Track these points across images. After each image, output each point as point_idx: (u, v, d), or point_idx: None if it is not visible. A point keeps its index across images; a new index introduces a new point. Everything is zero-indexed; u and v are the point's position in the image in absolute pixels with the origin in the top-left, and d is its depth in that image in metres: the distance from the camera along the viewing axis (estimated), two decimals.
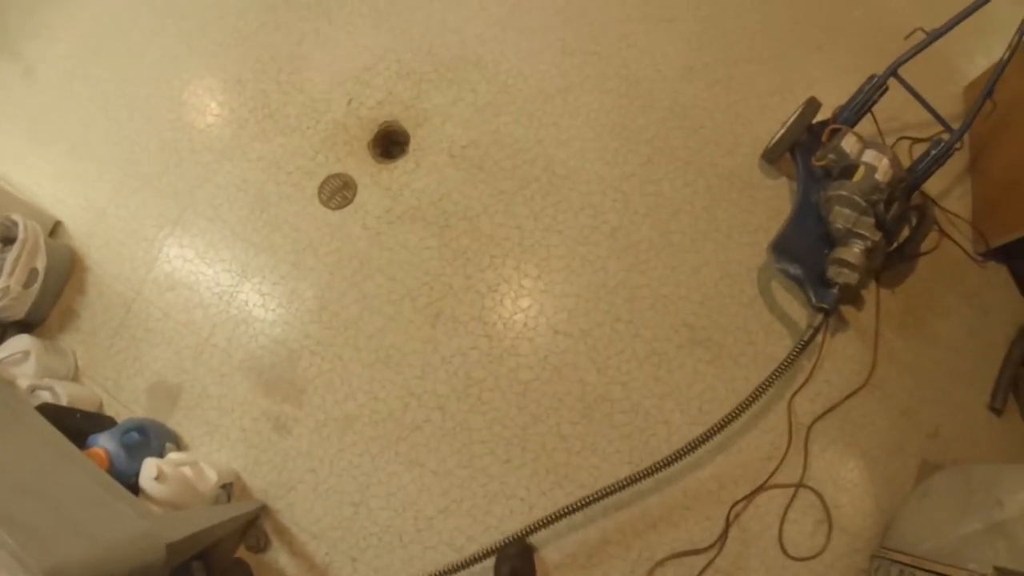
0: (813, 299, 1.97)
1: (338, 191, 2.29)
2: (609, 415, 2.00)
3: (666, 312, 2.09)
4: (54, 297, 2.40)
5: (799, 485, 1.91)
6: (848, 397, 2.00)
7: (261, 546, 2.01)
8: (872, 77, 2.06)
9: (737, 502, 1.89)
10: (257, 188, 2.36)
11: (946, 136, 1.98)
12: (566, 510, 1.76)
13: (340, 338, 2.13)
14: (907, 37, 2.06)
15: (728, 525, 1.88)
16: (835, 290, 1.93)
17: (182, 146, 2.50)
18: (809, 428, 1.96)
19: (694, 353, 2.05)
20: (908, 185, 2.03)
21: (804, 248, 2.05)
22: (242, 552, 2.04)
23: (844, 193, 1.97)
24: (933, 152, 1.99)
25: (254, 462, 2.06)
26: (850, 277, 1.92)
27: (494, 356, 2.07)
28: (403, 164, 2.32)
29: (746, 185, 2.25)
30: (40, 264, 2.28)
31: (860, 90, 2.09)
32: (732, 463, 1.94)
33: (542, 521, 1.77)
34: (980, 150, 2.34)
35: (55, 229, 2.52)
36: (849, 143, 2.07)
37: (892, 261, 2.08)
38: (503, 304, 2.12)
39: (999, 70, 1.91)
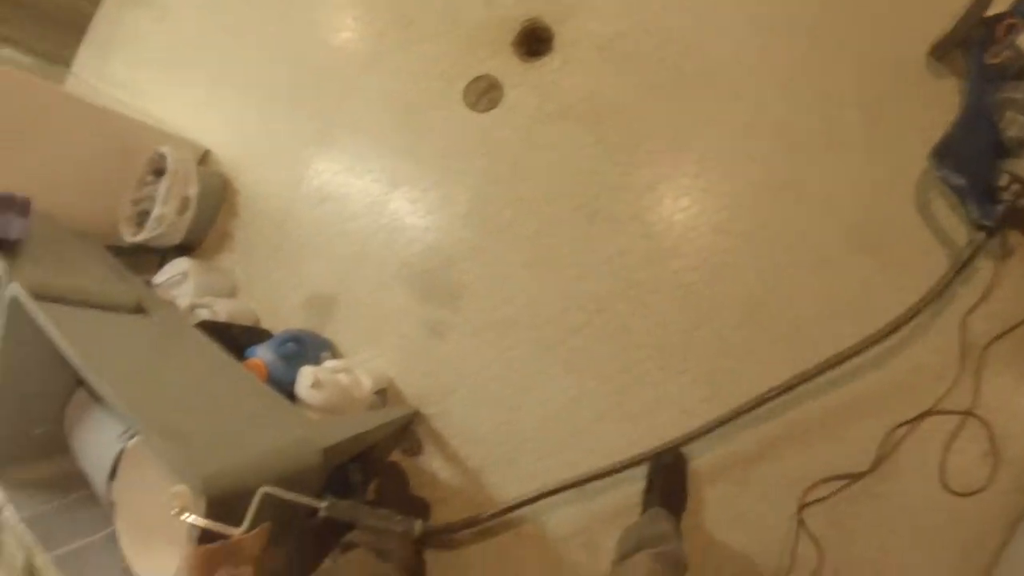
0: (975, 214, 1.73)
1: (484, 93, 2.23)
2: (772, 320, 1.85)
3: (830, 214, 1.90)
4: (209, 221, 2.48)
5: (968, 413, 1.70)
6: None
7: (416, 450, 2.04)
8: None
9: (899, 425, 1.71)
10: (401, 98, 2.33)
11: None
12: (722, 419, 1.70)
13: (495, 241, 2.08)
14: None
15: (887, 449, 1.71)
16: (1000, 207, 1.68)
17: (321, 64, 2.49)
18: (984, 349, 1.72)
19: (860, 261, 1.85)
20: None
21: (971, 156, 1.79)
22: (397, 456, 2.06)
23: (1018, 96, 1.71)
24: None
25: (410, 369, 2.07)
26: (1018, 191, 1.67)
27: (654, 257, 1.96)
28: (549, 62, 2.22)
29: (917, 81, 2.01)
30: (192, 191, 2.34)
31: None
32: (897, 382, 1.75)
33: (698, 430, 1.72)
34: None
35: (204, 157, 2.59)
36: None
37: None
38: (661, 203, 2.00)
39: None
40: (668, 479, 1.77)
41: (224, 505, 1.05)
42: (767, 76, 2.04)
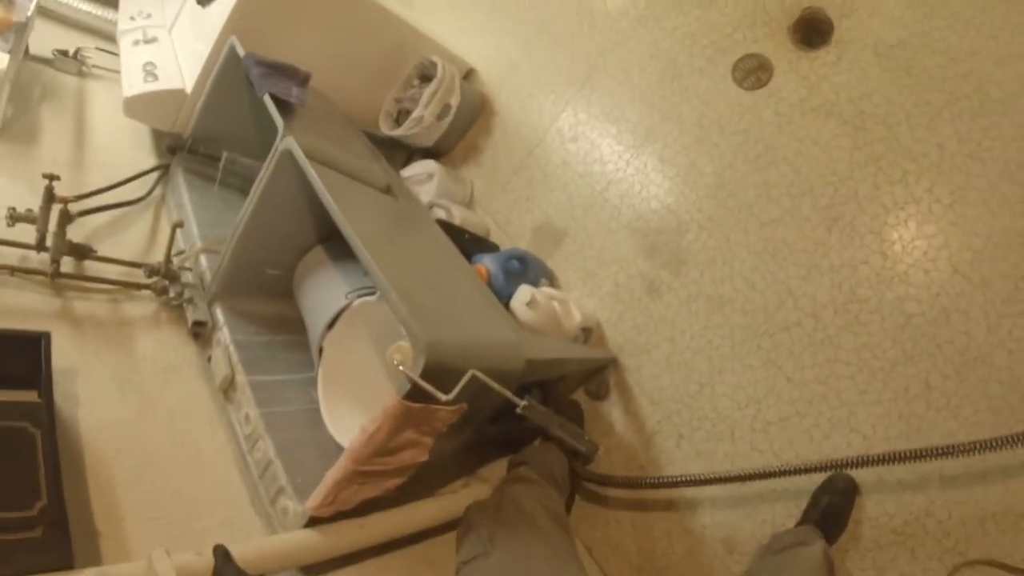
0: None
1: (753, 72, 2.28)
2: (985, 381, 1.78)
3: None
4: (461, 133, 2.69)
5: None
6: None
7: (601, 395, 2.18)
8: None
9: None
10: (669, 58, 2.40)
11: None
12: (906, 454, 1.66)
13: (732, 219, 2.16)
14: None
15: None
16: None
17: (596, 10, 2.59)
18: None
19: None
20: None
21: None
22: (580, 396, 2.22)
23: None
24: None
25: (618, 317, 2.22)
26: None
27: (884, 278, 1.96)
28: (824, 55, 2.22)
29: None
30: (453, 101, 2.54)
31: None
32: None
33: (879, 456, 1.70)
34: None
35: (468, 75, 2.79)
36: None
37: None
38: (906, 225, 1.99)
39: None
40: (834, 503, 1.79)
41: (435, 373, 1.18)
42: None
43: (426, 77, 2.62)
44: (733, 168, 2.21)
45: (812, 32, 2.28)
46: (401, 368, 1.21)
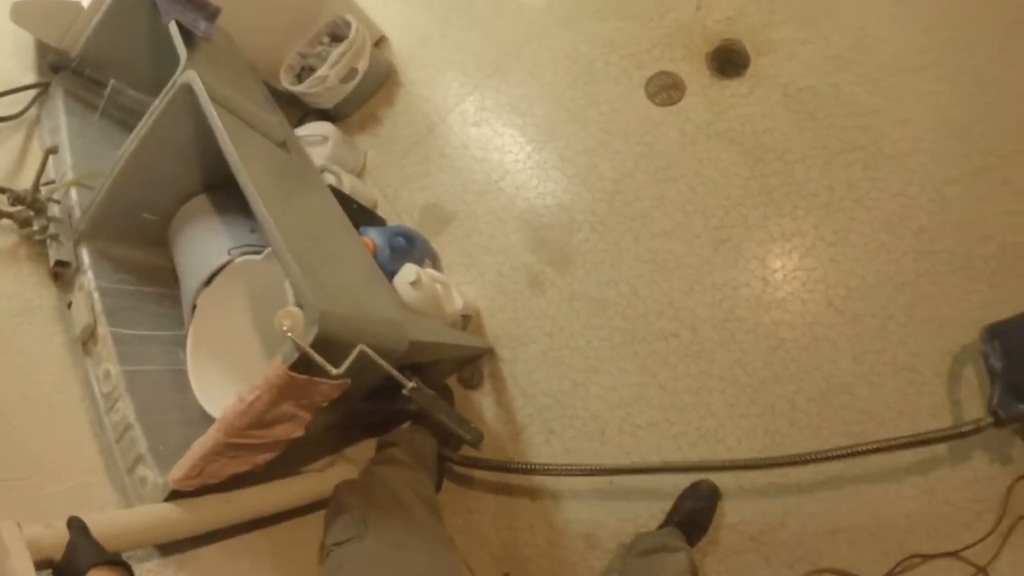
0: (994, 400, 1.73)
1: (665, 89, 2.29)
2: (845, 408, 1.91)
3: (939, 332, 1.95)
4: (362, 100, 2.57)
5: (981, 570, 1.74)
6: None
7: (473, 383, 2.12)
8: None
9: (915, 555, 1.76)
10: (586, 61, 2.39)
11: None
12: (763, 462, 1.74)
13: (624, 226, 2.15)
14: None
15: (894, 570, 1.77)
16: (1021, 407, 1.66)
17: (522, 0, 2.55)
18: (1019, 519, 1.76)
19: (952, 383, 1.90)
20: None
21: (1015, 350, 1.78)
22: (453, 383, 2.14)
23: None
24: None
25: (498, 307, 2.16)
26: None
27: (763, 302, 2.02)
28: (736, 86, 2.27)
29: None
30: (361, 66, 2.42)
31: None
32: (933, 513, 1.80)
33: (740, 462, 1.75)
34: None
35: (380, 41, 2.68)
36: None
37: None
38: (790, 256, 2.06)
39: None
40: (697, 508, 1.83)
41: (325, 345, 1.10)
42: (930, 182, 2.09)
43: (337, 36, 2.49)
44: (632, 177, 2.20)
45: (728, 62, 2.32)
46: (290, 335, 1.10)
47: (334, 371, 1.11)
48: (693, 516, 1.82)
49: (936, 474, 1.81)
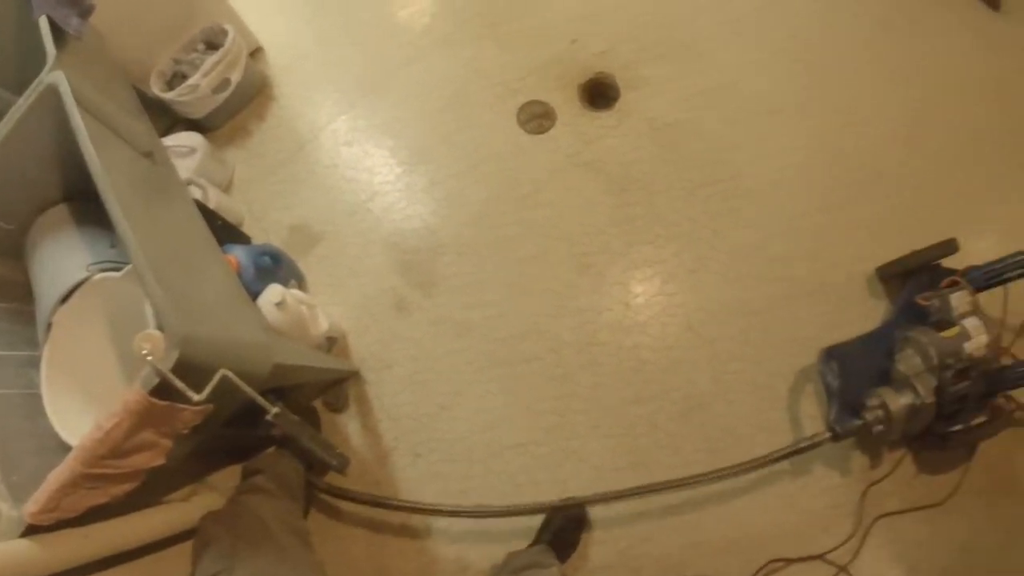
0: (831, 416, 1.86)
1: (536, 117, 2.32)
2: (704, 425, 1.97)
3: (792, 352, 2.05)
4: (233, 111, 2.50)
5: (842, 569, 1.84)
6: (922, 508, 1.91)
7: (338, 406, 2.06)
8: (1020, 253, 1.87)
9: (778, 560, 1.84)
10: (460, 86, 2.40)
11: None
12: (632, 491, 1.77)
13: (489, 250, 2.16)
14: None
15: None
16: (856, 421, 1.79)
17: (401, 22, 2.56)
18: (875, 520, 1.88)
19: (801, 398, 2.01)
20: (992, 377, 1.83)
21: (856, 370, 1.93)
22: (318, 406, 2.08)
23: (923, 340, 1.80)
24: None
25: (364, 329, 2.11)
26: (879, 419, 1.77)
27: (624, 326, 2.06)
28: (605, 117, 2.33)
29: (857, 286, 2.17)
30: (235, 76, 2.36)
31: (1002, 259, 1.90)
32: (793, 521, 1.88)
33: (611, 493, 1.78)
34: None
35: (256, 53, 2.62)
36: (960, 300, 1.89)
37: (937, 441, 1.89)
38: (651, 282, 2.11)
39: None
40: (566, 525, 1.83)
41: (186, 369, 1.06)
42: (784, 215, 2.20)
43: (212, 44, 2.42)
44: (500, 201, 2.21)
45: (599, 95, 2.39)
46: (150, 359, 1.04)
47: (196, 397, 1.06)
48: (562, 533, 1.82)
49: (794, 484, 1.89)
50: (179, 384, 1.04)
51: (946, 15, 2.66)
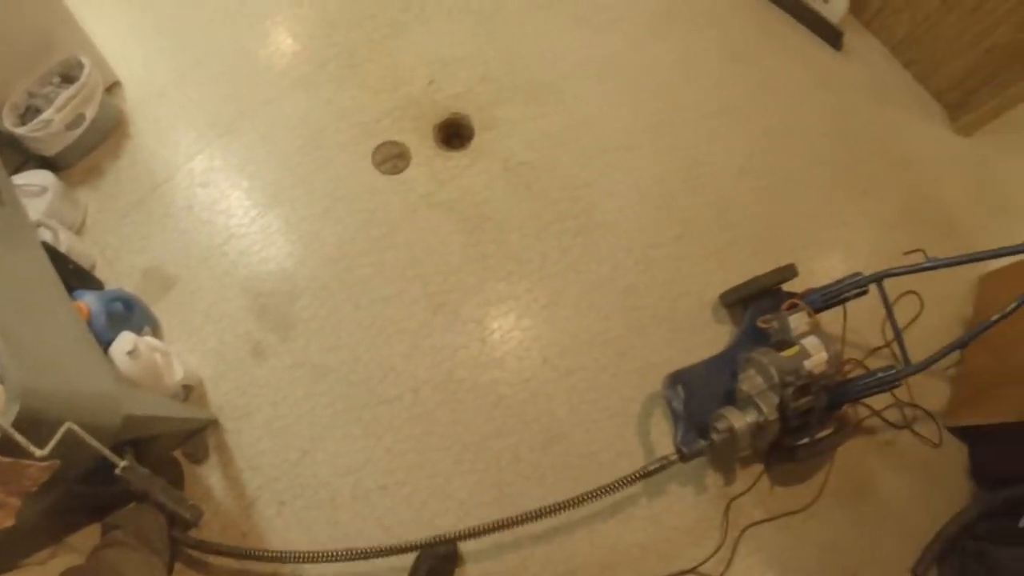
0: (678, 438, 1.96)
1: (391, 158, 2.36)
2: (566, 454, 2.06)
3: (644, 378, 2.17)
4: (87, 149, 2.42)
5: None
6: (786, 515, 2.08)
7: (198, 457, 2.02)
8: (856, 274, 2.03)
9: None
10: (317, 127, 2.42)
11: (899, 366, 1.88)
12: (499, 524, 1.79)
13: (345, 292, 2.18)
14: (907, 253, 2.15)
15: None
16: (701, 442, 1.88)
17: (260, 61, 2.55)
18: (743, 531, 2.03)
19: (659, 422, 2.13)
20: (836, 390, 1.97)
21: (702, 392, 2.04)
22: (178, 457, 2.05)
23: (764, 360, 1.91)
24: (879, 375, 1.91)
25: (220, 376, 2.09)
26: (724, 438, 1.85)
27: (481, 362, 2.13)
28: (459, 158, 2.40)
29: (702, 314, 2.33)
30: (90, 112, 2.29)
31: (840, 281, 2.06)
32: (662, 539, 2.00)
33: (477, 529, 1.80)
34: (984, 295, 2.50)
35: (112, 87, 2.54)
36: (799, 321, 2.04)
37: (787, 454, 2.01)
38: (506, 317, 2.19)
39: (984, 327, 1.73)
40: (435, 567, 1.84)
41: (27, 424, 1.04)
42: (635, 246, 2.34)
43: (68, 77, 2.33)
44: (355, 244, 2.25)
45: (454, 135, 2.46)
46: None
47: (38, 452, 1.04)
48: (434, 573, 1.84)
49: (659, 505, 2.02)
50: (20, 439, 1.02)
51: (791, 54, 2.87)
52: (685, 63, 2.77)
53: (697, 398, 2.03)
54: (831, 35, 3.00)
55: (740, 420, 1.83)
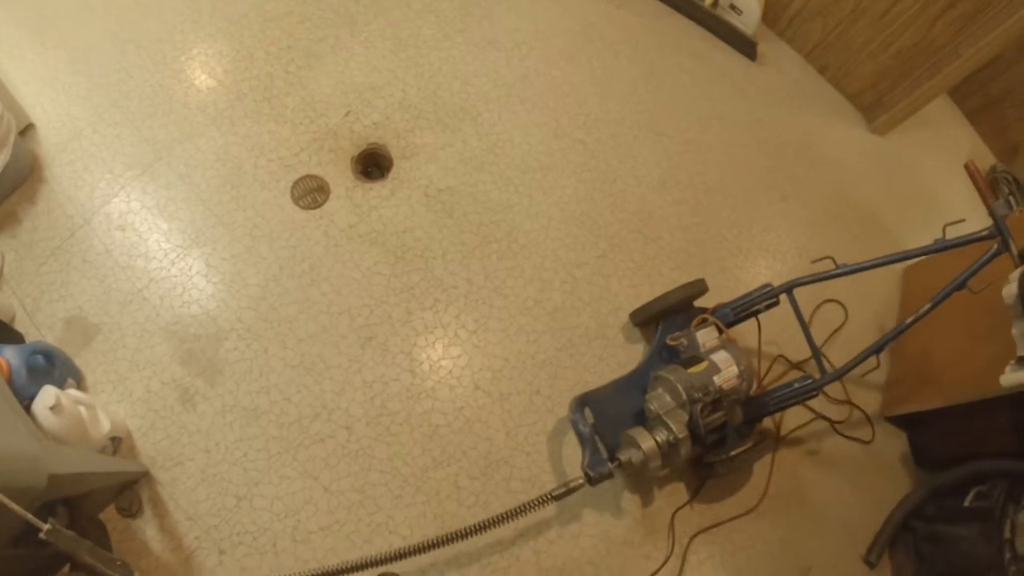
0: (585, 461, 1.91)
1: (310, 192, 2.36)
2: (507, 479, 2.09)
3: (559, 402, 2.22)
4: (2, 196, 2.36)
5: None
6: (734, 519, 2.15)
7: (132, 511, 1.98)
8: (766, 286, 2.06)
9: None
10: (235, 164, 2.40)
11: (817, 376, 1.93)
12: (433, 541, 1.77)
13: (271, 332, 2.17)
14: (815, 262, 2.15)
15: None
16: (610, 464, 1.87)
17: (176, 98, 2.52)
18: (691, 539, 2.09)
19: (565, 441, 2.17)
20: (752, 406, 2.01)
21: (611, 414, 2.05)
22: (111, 513, 2.01)
23: (671, 378, 1.90)
24: (795, 386, 1.96)
25: (150, 425, 2.06)
26: (634, 458, 1.85)
27: (413, 393, 2.15)
28: (379, 188, 2.41)
29: (616, 333, 2.38)
30: (2, 158, 2.23)
31: (750, 294, 2.09)
32: (614, 554, 2.05)
33: (409, 549, 1.77)
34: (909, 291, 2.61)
35: (26, 130, 2.49)
36: (707, 336, 2.06)
37: (706, 470, 2.05)
38: (434, 347, 2.21)
39: (897, 332, 1.84)
40: None
41: None
42: (561, 266, 2.40)
43: None
44: (278, 282, 2.24)
45: (373, 165, 2.47)
46: None
47: None
48: None
49: (604, 522, 2.06)
50: None
51: (707, 67, 2.94)
52: (600, 81, 2.81)
53: (606, 420, 2.04)
54: (745, 46, 3.08)
55: (648, 441, 1.84)
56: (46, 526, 1.24)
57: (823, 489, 2.26)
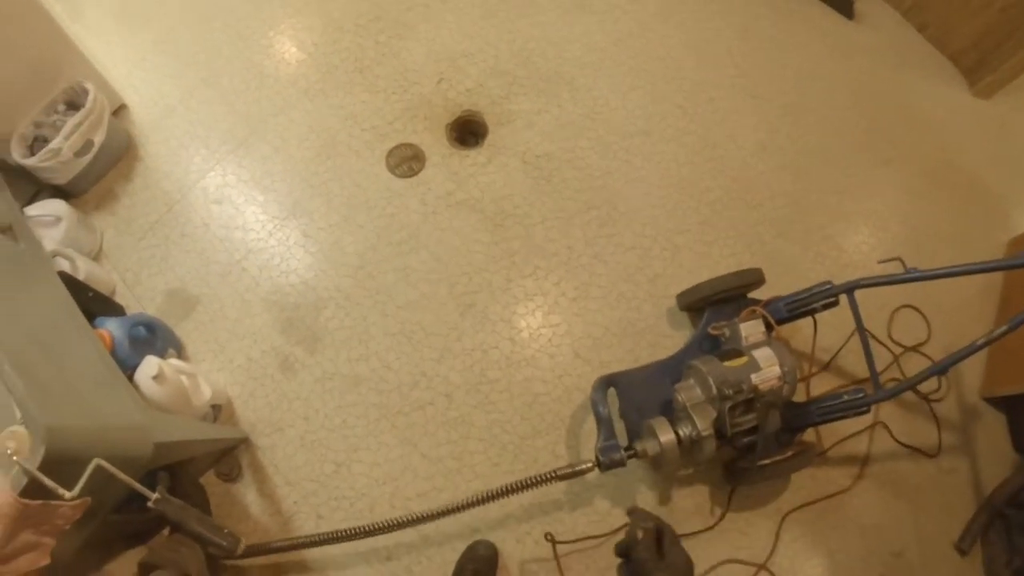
0: (599, 443, 1.75)
1: (406, 160, 2.32)
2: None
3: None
4: (99, 175, 2.40)
5: (761, 566, 1.92)
6: (828, 497, 2.02)
7: (233, 476, 1.99)
8: (825, 283, 1.85)
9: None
10: (329, 134, 2.38)
11: (869, 390, 1.73)
12: (505, 490, 1.70)
13: (370, 300, 2.14)
14: (881, 262, 1.97)
15: None
16: (623, 452, 1.71)
17: (267, 72, 2.52)
18: (785, 516, 1.98)
19: None
20: (793, 414, 1.84)
21: (640, 399, 1.90)
22: (211, 477, 2.02)
23: (703, 369, 1.72)
24: (845, 398, 1.75)
25: (250, 393, 2.06)
26: (650, 449, 1.69)
27: (513, 361, 2.09)
28: (475, 155, 2.35)
29: (662, 318, 2.24)
30: (98, 138, 2.26)
31: (807, 290, 1.88)
32: (677, 508, 1.96)
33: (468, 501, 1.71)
34: (1009, 296, 2.38)
35: (119, 111, 2.52)
36: (752, 330, 1.86)
37: (736, 474, 1.89)
38: (534, 315, 2.14)
39: (966, 352, 1.56)
40: (479, 569, 1.81)
41: (56, 464, 1.01)
42: (661, 232, 2.30)
43: (73, 104, 2.31)
44: (376, 250, 2.21)
45: (468, 133, 2.41)
46: (16, 459, 0.98)
47: (67, 494, 1.01)
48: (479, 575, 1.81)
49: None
50: (49, 482, 0.99)
51: (803, 26, 2.81)
52: (695, 43, 2.71)
53: (634, 405, 1.89)
54: (842, 3, 2.94)
55: (667, 434, 1.67)
56: (155, 495, 1.23)
57: (916, 475, 2.11)
